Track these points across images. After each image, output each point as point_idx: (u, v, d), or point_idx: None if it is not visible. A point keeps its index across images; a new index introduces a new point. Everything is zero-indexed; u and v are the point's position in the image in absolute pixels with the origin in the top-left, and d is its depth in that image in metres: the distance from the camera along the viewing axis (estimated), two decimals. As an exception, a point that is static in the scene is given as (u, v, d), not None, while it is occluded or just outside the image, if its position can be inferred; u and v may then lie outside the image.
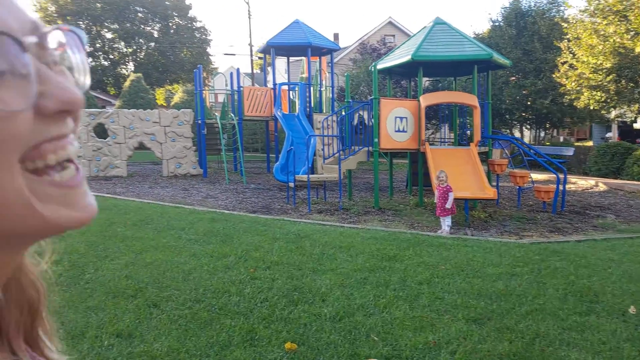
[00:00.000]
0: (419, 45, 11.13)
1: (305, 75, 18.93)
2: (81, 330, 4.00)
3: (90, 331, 3.98)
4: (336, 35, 43.12)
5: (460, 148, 11.34)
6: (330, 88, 18.07)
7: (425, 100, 11.17)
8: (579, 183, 16.54)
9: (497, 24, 25.20)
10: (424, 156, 11.07)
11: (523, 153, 12.84)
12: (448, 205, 8.65)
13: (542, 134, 27.29)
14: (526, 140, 27.79)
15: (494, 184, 12.13)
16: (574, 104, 19.74)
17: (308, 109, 16.75)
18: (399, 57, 11.69)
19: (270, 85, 17.86)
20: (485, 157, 12.49)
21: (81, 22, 42.80)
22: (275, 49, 17.57)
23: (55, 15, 41.87)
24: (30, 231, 0.45)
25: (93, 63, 45.19)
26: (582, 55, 17.41)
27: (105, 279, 5.28)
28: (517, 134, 28.37)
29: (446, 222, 8.67)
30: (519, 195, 11.96)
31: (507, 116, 24.86)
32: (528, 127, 27.39)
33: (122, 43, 45.28)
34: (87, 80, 0.49)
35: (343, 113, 12.22)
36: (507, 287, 5.34)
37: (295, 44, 17.12)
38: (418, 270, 5.88)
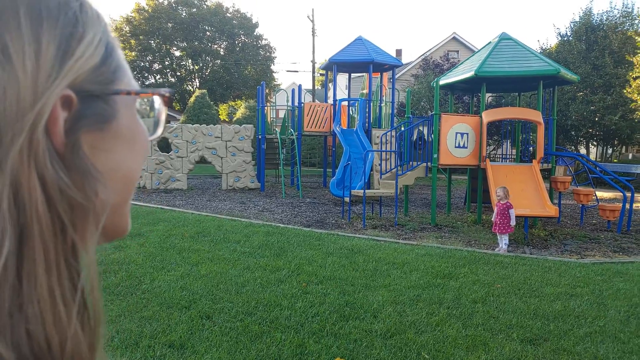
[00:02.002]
0: (483, 61, 10.97)
1: (366, 91, 18.95)
2: (135, 339, 4.11)
3: (144, 341, 4.08)
4: (399, 51, 43.00)
5: (522, 165, 11.06)
6: (391, 103, 18.02)
7: (488, 116, 10.98)
8: (647, 202, 15.83)
9: (565, 38, 24.64)
10: (484, 172, 10.87)
11: (588, 170, 12.39)
12: (512, 222, 8.44)
13: (610, 151, 26.31)
14: (592, 157, 26.86)
15: (556, 201, 11.77)
16: (645, 119, 18.97)
17: (367, 125, 16.75)
18: (462, 72, 11.55)
19: (330, 101, 17.97)
20: (548, 174, 12.15)
21: (152, 41, 44.45)
22: (337, 65, 17.70)
23: (129, 35, 43.62)
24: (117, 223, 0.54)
25: (161, 80, 46.76)
26: (655, 69, 16.76)
27: (161, 289, 5.41)
28: (582, 151, 27.45)
29: (504, 240, 8.46)
30: (582, 214, 11.54)
31: (573, 132, 24.13)
32: (595, 143, 26.49)
33: (190, 60, 46.64)
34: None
35: (402, 128, 12.15)
36: (566, 307, 5.16)
37: (358, 61, 17.19)
38: (473, 288, 5.76)
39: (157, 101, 0.56)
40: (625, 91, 19.20)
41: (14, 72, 0.40)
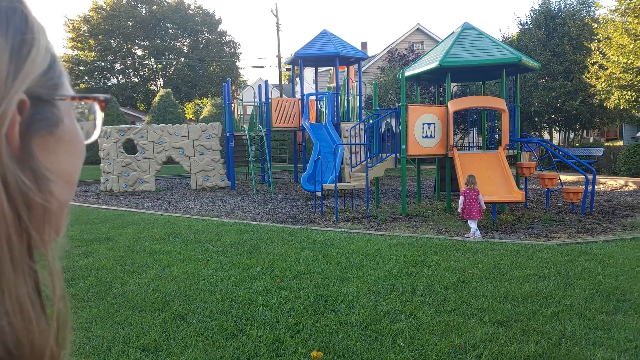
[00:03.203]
0: (447, 51, 11.10)
1: (333, 84, 18.96)
2: (108, 345, 4.06)
3: (117, 346, 4.04)
4: (364, 44, 43.10)
5: (488, 152, 11.23)
6: (358, 97, 18.08)
7: (453, 105, 11.12)
8: (608, 183, 16.25)
9: (526, 26, 25.04)
10: (451, 161, 11.01)
11: (552, 155, 12.65)
12: (483, 207, 8.67)
13: (572, 136, 26.89)
14: (555, 142, 27.38)
15: (522, 186, 12.00)
16: (604, 104, 19.47)
17: (336, 118, 16.78)
18: (427, 63, 11.67)
19: (298, 96, 17.94)
20: (513, 161, 12.36)
21: (112, 41, 43.73)
22: (303, 59, 17.66)
23: (88, 34, 42.84)
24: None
25: (123, 80, 46.08)
26: (612, 55, 17.15)
27: (133, 293, 5.36)
28: (546, 136, 27.98)
29: (475, 226, 8.62)
30: (547, 198, 11.82)
31: (536, 119, 24.61)
32: (557, 129, 27.06)
33: (152, 59, 46.06)
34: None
35: (371, 121, 12.23)
36: (534, 289, 5.29)
37: (323, 54, 17.17)
38: (445, 275, 5.85)
39: (95, 106, 0.58)
40: (584, 77, 19.62)
41: None
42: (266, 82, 17.41)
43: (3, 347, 0.41)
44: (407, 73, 12.24)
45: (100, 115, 0.58)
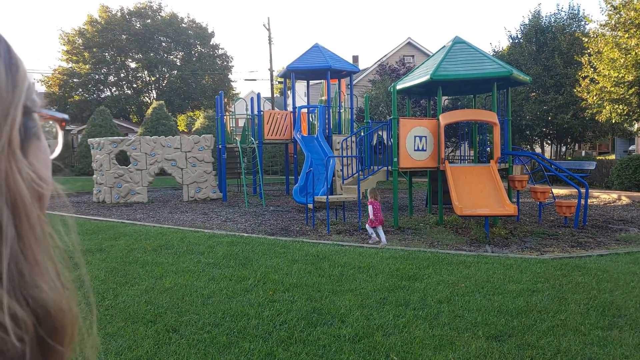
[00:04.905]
0: (438, 65, 11.15)
1: (324, 97, 19.02)
2: (100, 357, 4.02)
3: (109, 358, 4.01)
4: (355, 58, 43.37)
5: (480, 165, 11.26)
6: (350, 109, 18.15)
7: (445, 118, 11.15)
8: (601, 197, 16.29)
9: (516, 40, 25.22)
10: (443, 174, 11.03)
11: (544, 168, 12.70)
12: (371, 216, 9.17)
13: (564, 149, 27.02)
14: (547, 155, 27.52)
15: (515, 200, 12.02)
16: (596, 117, 19.54)
17: (327, 131, 16.82)
18: (418, 77, 11.71)
19: (290, 108, 17.98)
20: (505, 174, 12.40)
21: (106, 54, 43.74)
22: (295, 73, 17.73)
23: (82, 47, 42.85)
24: None
25: (117, 92, 46.03)
26: (603, 69, 17.25)
27: (125, 305, 5.32)
28: (537, 150, 28.11)
29: (381, 233, 9.16)
30: (540, 211, 11.84)
31: (528, 132, 24.71)
32: (549, 142, 27.17)
33: (146, 72, 46.06)
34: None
35: (362, 134, 12.24)
36: (528, 303, 5.28)
37: (315, 68, 17.25)
38: (438, 288, 5.84)
39: (57, 125, 0.62)
40: (575, 90, 19.74)
41: None
42: (258, 94, 17.45)
43: (45, 312, 0.48)
44: (399, 86, 12.30)
45: (61, 133, 0.63)
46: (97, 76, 44.53)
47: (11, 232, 0.47)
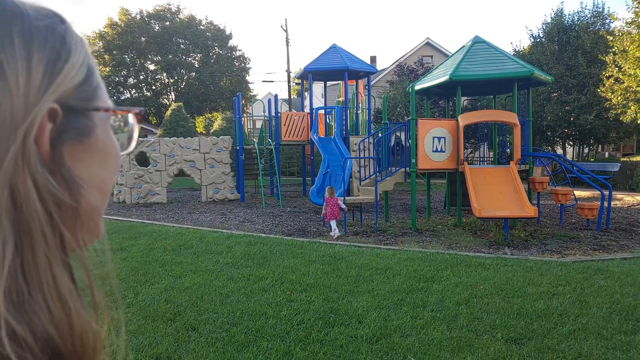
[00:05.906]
0: (457, 65, 11.06)
1: (342, 98, 19.01)
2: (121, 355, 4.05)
3: (130, 355, 4.04)
4: (373, 58, 43.27)
5: (499, 167, 11.16)
6: (367, 110, 18.11)
7: (464, 119, 11.06)
8: (625, 199, 16.04)
9: (538, 39, 24.89)
10: (462, 176, 10.95)
11: (565, 170, 12.55)
12: (344, 207, 10.07)
13: (586, 150, 26.66)
14: (569, 157, 27.19)
15: (535, 202, 11.90)
16: (620, 118, 19.24)
17: (344, 132, 16.80)
18: (436, 77, 11.63)
19: (307, 109, 17.99)
20: (525, 175, 12.27)
21: (126, 56, 44.16)
22: (312, 74, 17.73)
23: (103, 50, 43.32)
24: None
25: (136, 94, 46.44)
26: (628, 68, 16.93)
27: (145, 303, 5.37)
28: (559, 151, 27.78)
29: (334, 225, 9.92)
30: (561, 213, 11.68)
31: (549, 133, 24.39)
32: (571, 143, 26.80)
33: (165, 74, 46.41)
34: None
35: (380, 135, 12.20)
36: (549, 306, 5.21)
37: (333, 69, 17.23)
38: (456, 290, 5.80)
39: (131, 118, 0.61)
40: (599, 90, 19.43)
41: (8, 87, 0.45)
42: (276, 96, 17.49)
43: (44, 330, 0.45)
44: (417, 87, 12.24)
45: (137, 127, 0.62)
46: (117, 78, 44.95)
47: (10, 249, 0.44)
